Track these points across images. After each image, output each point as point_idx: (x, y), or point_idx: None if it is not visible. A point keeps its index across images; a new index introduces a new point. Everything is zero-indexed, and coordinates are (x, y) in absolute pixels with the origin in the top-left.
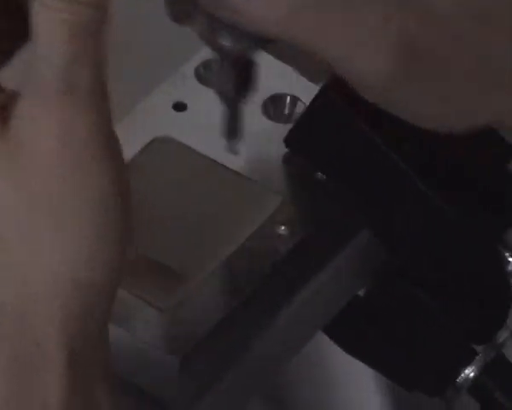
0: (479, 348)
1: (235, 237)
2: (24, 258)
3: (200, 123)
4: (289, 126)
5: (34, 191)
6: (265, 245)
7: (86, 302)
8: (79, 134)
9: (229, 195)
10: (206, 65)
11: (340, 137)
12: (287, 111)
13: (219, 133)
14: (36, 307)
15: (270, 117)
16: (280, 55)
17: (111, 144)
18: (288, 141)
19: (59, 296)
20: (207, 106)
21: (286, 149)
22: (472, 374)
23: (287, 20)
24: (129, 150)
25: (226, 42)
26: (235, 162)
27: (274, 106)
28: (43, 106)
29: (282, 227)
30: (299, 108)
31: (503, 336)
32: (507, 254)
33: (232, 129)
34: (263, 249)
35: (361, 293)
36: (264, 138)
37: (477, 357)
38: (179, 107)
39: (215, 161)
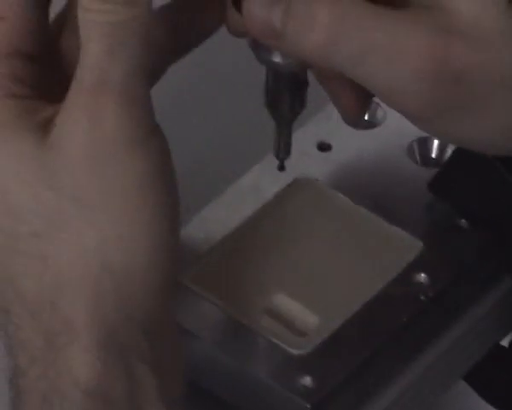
0: None
1: (374, 283)
2: (55, 245)
3: (344, 163)
4: (435, 171)
5: (62, 181)
6: (405, 292)
7: (119, 286)
8: (107, 128)
9: (370, 239)
10: None
11: (485, 184)
12: (433, 155)
13: (360, 174)
14: (66, 289)
15: (415, 160)
16: None
17: (144, 138)
18: (432, 186)
19: (88, 278)
20: (352, 146)
21: (430, 194)
22: None
23: (325, 48)
24: (271, 189)
25: (276, 58)
26: (377, 205)
27: (420, 149)
28: (74, 103)
29: (423, 274)
30: (447, 153)
31: None
32: None
33: (284, 148)
34: (402, 297)
35: (505, 342)
36: (408, 182)
37: None
38: (324, 147)
39: (356, 204)
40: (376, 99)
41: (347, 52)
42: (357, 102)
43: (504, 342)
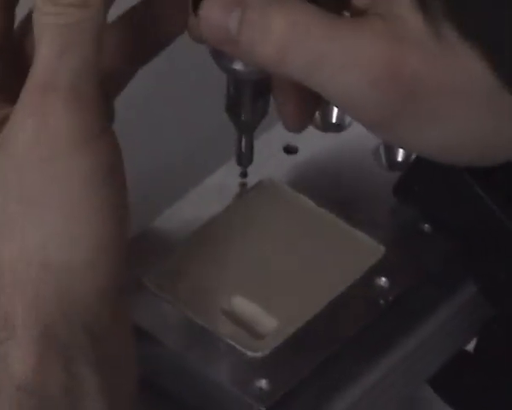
0: None
1: (334, 287)
2: None
3: (310, 166)
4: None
5: (9, 180)
6: (365, 296)
7: (59, 285)
8: (54, 128)
9: (332, 242)
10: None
11: (449, 189)
12: (400, 159)
13: (326, 176)
14: (6, 286)
15: (381, 164)
16: None
17: (91, 138)
18: (397, 190)
19: (28, 275)
20: (319, 149)
21: (395, 199)
22: None
23: (278, 57)
24: (236, 191)
25: (237, 66)
26: (342, 208)
27: (386, 153)
28: (23, 103)
29: (383, 278)
30: (413, 157)
31: None
32: None
33: (246, 155)
34: (362, 300)
35: (469, 347)
36: (374, 186)
37: None
38: (290, 149)
39: (319, 207)
40: None
41: (301, 61)
42: (300, 115)
43: (469, 347)
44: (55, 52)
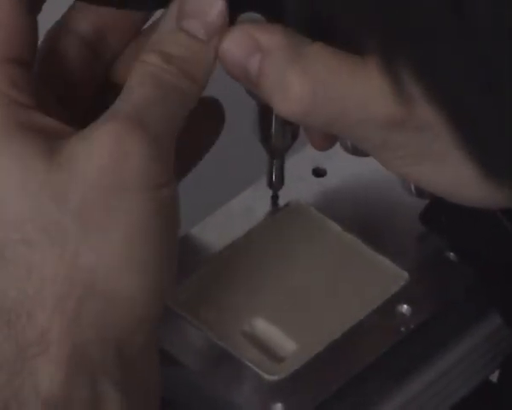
0: None
1: (356, 312)
2: (43, 256)
3: (338, 189)
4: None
5: (70, 196)
6: (386, 323)
7: (100, 310)
8: (130, 165)
9: (356, 267)
10: None
11: (475, 219)
12: None
13: (354, 200)
14: (45, 302)
15: (409, 190)
16: None
17: (159, 186)
18: (424, 217)
19: (70, 295)
20: (347, 173)
21: (422, 226)
22: None
23: (298, 115)
24: (263, 212)
25: None
26: (368, 233)
27: None
28: (104, 128)
29: (405, 306)
30: None
31: None
32: None
33: (277, 178)
34: (383, 327)
35: (493, 377)
36: (401, 212)
37: None
38: (319, 172)
39: (345, 231)
40: None
41: (321, 119)
42: (326, 139)
43: (493, 378)
44: (151, 98)
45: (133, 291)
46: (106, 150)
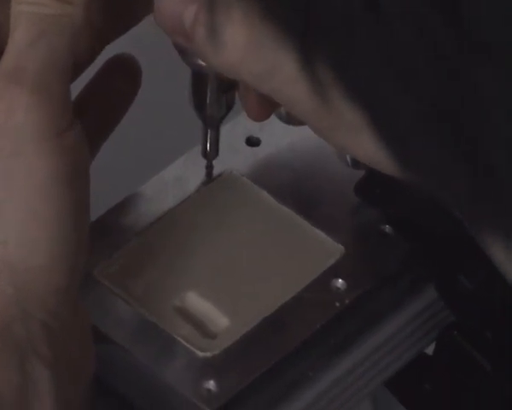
0: None
1: (290, 287)
2: None
3: (272, 159)
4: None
5: None
6: (321, 297)
7: (18, 282)
8: (17, 121)
9: (290, 241)
10: None
11: (411, 191)
12: None
13: (288, 171)
14: None
15: (345, 161)
16: None
17: (55, 135)
18: (359, 189)
19: None
20: (282, 142)
21: (357, 198)
22: None
23: (234, 66)
24: (195, 183)
25: (201, 61)
26: (302, 205)
27: None
28: None
29: (340, 280)
30: None
31: None
32: None
33: (212, 148)
34: (318, 301)
35: (429, 350)
36: (336, 183)
37: None
38: (252, 141)
39: (279, 203)
40: None
41: (256, 71)
42: (262, 107)
43: (429, 350)
44: (26, 41)
45: (45, 262)
46: None
